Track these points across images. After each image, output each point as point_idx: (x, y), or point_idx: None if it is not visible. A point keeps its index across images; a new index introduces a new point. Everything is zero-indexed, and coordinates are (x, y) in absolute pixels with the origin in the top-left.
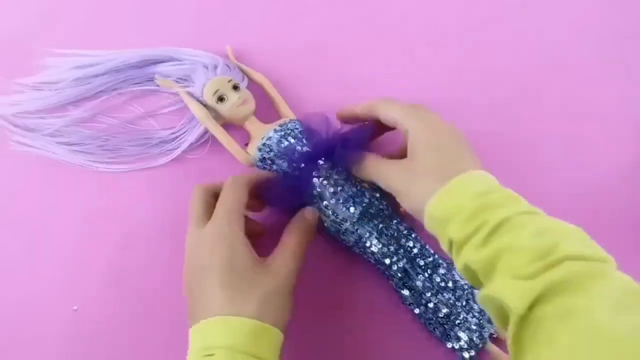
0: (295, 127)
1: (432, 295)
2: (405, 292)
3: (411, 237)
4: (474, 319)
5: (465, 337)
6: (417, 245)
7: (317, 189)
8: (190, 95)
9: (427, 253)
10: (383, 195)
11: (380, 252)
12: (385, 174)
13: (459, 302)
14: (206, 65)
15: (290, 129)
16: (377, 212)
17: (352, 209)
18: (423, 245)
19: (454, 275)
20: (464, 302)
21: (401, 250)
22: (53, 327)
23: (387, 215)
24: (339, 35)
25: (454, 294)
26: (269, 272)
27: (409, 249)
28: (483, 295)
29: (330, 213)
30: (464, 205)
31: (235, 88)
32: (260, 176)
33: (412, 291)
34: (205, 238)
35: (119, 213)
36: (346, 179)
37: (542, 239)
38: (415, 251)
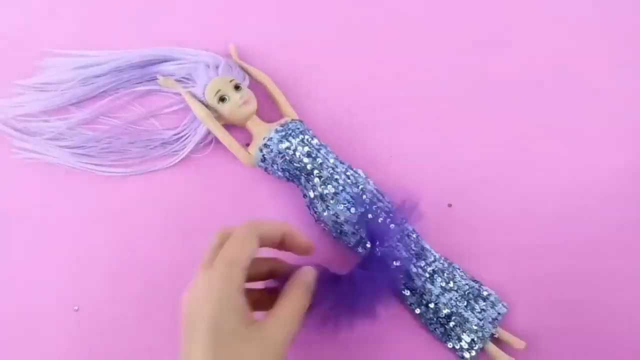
0: (297, 127)
1: (434, 296)
2: (407, 292)
3: (412, 238)
4: (475, 320)
5: (466, 338)
6: (418, 246)
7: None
8: (192, 95)
9: (428, 254)
10: (384, 196)
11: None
12: None
13: (460, 302)
14: (208, 65)
15: (291, 129)
16: (379, 214)
17: (352, 210)
18: (424, 246)
19: (455, 276)
20: (465, 303)
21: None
22: (54, 327)
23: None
24: (341, 35)
25: (455, 295)
26: (258, 339)
27: (411, 250)
28: None
29: (331, 215)
30: None
31: (237, 88)
32: (290, 229)
33: (413, 292)
34: (198, 287)
35: (121, 214)
36: (345, 180)
37: None
38: (417, 251)
